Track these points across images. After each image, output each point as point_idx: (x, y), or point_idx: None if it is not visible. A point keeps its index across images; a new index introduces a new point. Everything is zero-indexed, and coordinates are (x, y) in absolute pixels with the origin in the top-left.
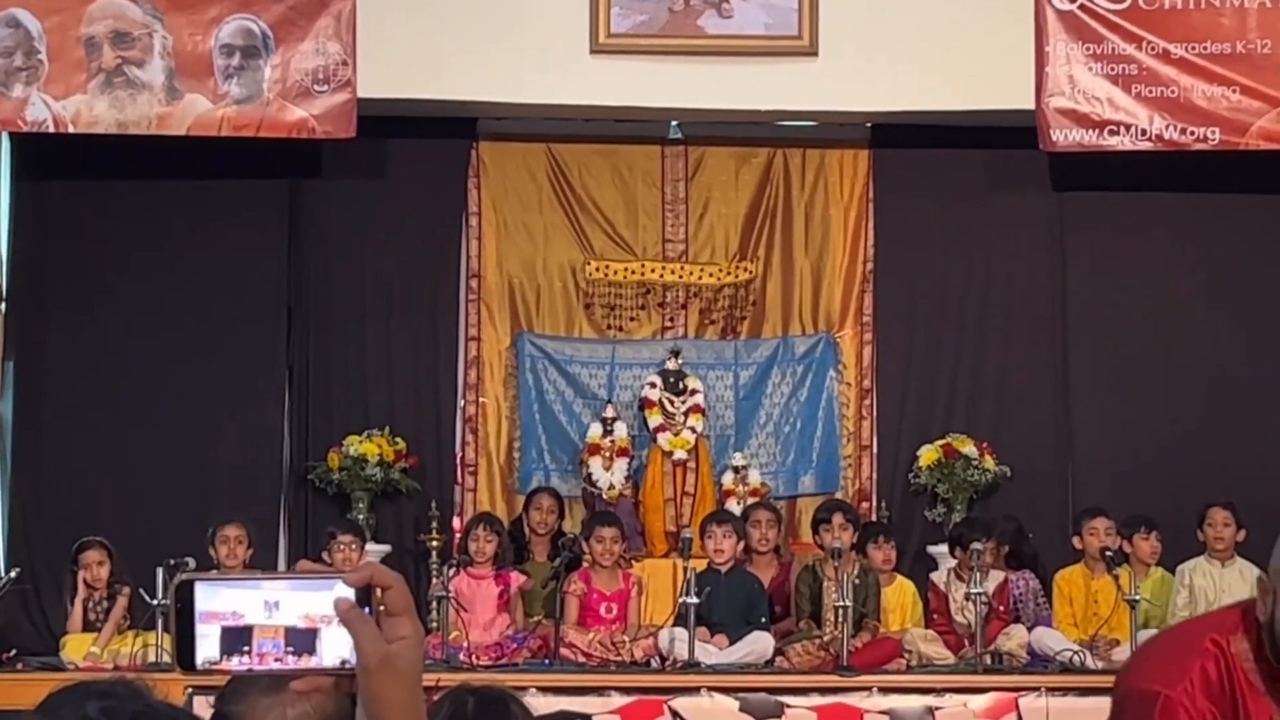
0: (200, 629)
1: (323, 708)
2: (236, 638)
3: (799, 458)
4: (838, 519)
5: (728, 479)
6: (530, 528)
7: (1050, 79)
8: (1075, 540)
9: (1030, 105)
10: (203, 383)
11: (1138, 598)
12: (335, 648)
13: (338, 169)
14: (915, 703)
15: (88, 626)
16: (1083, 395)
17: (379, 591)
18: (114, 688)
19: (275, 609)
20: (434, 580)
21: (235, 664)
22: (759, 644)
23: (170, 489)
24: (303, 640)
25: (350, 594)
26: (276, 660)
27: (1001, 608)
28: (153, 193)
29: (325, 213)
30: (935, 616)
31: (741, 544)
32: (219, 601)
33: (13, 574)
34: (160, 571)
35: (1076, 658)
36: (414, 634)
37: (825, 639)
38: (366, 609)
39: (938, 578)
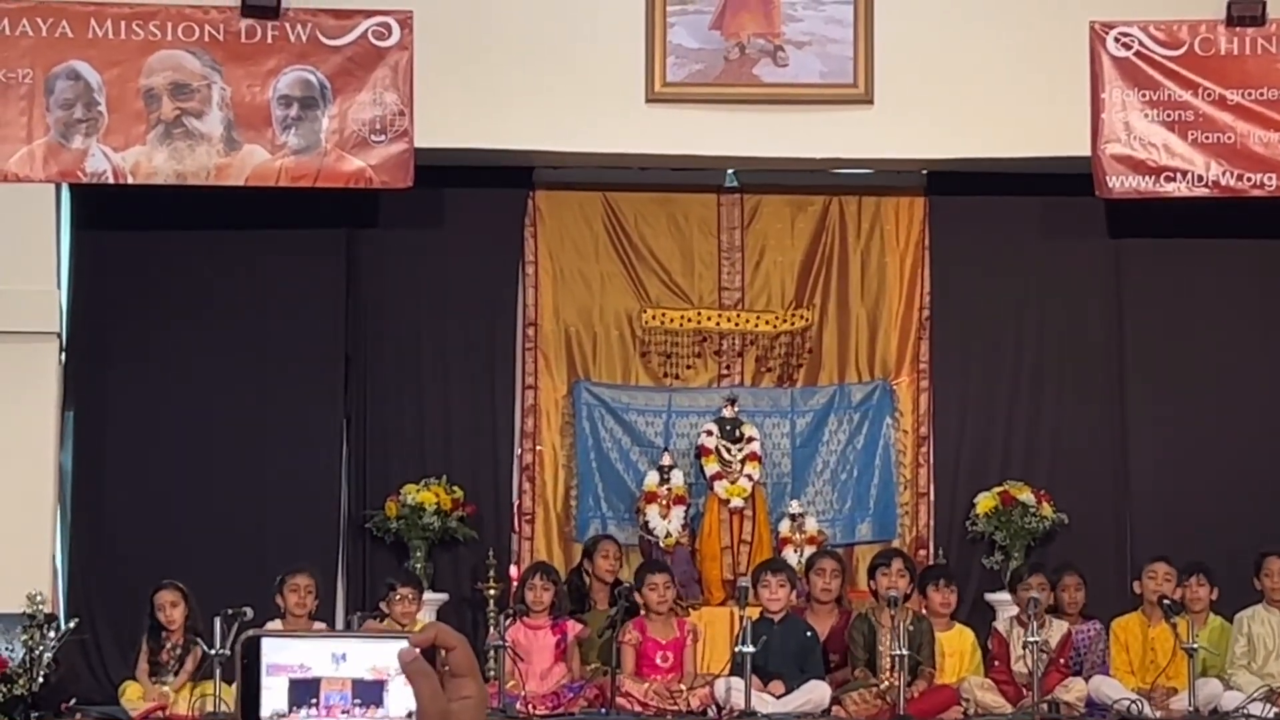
0: (266, 681)
1: None
2: (304, 690)
3: (856, 505)
4: (896, 565)
5: (785, 527)
6: (596, 575)
7: (1106, 125)
8: (1135, 585)
9: (1086, 152)
10: (261, 432)
11: (1196, 646)
12: (403, 700)
13: (395, 218)
14: None
15: (155, 670)
16: (1140, 442)
17: (443, 652)
18: None
19: (342, 661)
20: (490, 630)
21: (303, 716)
22: (815, 693)
23: (228, 538)
24: (370, 692)
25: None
26: (344, 712)
27: (1061, 659)
28: (211, 242)
29: (382, 262)
30: (996, 663)
31: (795, 592)
32: (286, 654)
33: (71, 624)
34: (218, 621)
35: (1135, 706)
36: (477, 694)
37: (882, 687)
38: None
39: (1001, 625)
